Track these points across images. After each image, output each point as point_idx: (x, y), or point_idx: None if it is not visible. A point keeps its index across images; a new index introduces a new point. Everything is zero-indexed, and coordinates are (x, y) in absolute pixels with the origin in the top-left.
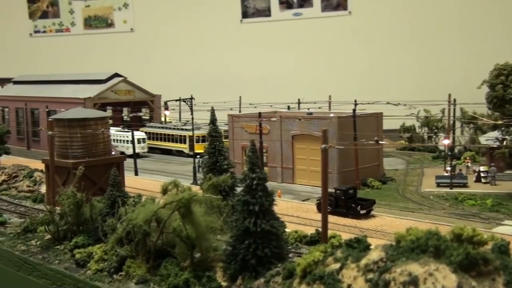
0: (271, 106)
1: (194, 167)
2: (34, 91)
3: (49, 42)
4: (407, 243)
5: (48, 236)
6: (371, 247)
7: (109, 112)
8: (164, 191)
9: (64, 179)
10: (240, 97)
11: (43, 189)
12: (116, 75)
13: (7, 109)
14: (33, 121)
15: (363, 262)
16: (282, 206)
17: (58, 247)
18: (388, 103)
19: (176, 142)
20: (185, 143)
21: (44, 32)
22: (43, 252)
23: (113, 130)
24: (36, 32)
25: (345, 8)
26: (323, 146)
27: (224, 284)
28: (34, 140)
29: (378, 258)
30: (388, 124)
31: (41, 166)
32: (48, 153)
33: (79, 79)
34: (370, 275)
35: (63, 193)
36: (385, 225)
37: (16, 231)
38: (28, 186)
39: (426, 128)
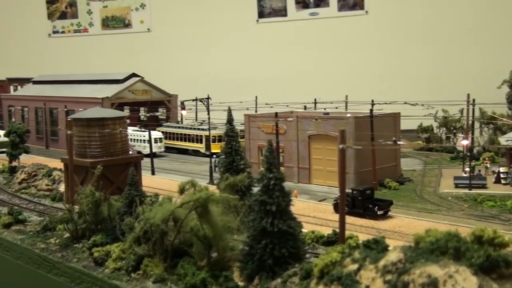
0: (287, 106)
1: (211, 167)
2: (53, 91)
3: (67, 43)
4: (426, 245)
5: (67, 235)
6: (389, 248)
7: (126, 112)
8: (181, 190)
9: (82, 178)
10: (256, 97)
11: (61, 188)
12: (134, 75)
13: (26, 108)
14: (52, 121)
15: (382, 263)
16: (299, 206)
17: (77, 245)
18: (405, 103)
19: (193, 141)
20: (201, 142)
21: (63, 32)
22: (62, 250)
23: (130, 130)
24: (54, 32)
25: (362, 8)
26: (341, 146)
27: (241, 284)
28: (53, 139)
29: (396, 259)
30: (405, 124)
31: (59, 165)
32: (67, 152)
33: (97, 79)
34: (389, 277)
35: (81, 192)
36: (402, 226)
37: (36, 229)
38: (47, 185)
39: (444, 129)
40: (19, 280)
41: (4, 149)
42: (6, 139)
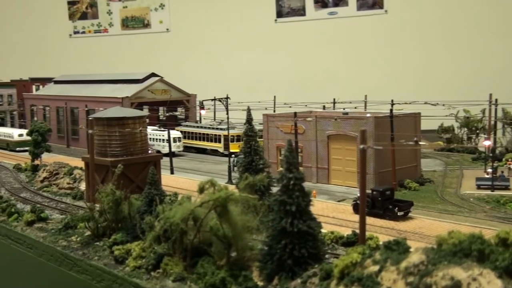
0: (305, 106)
1: (229, 166)
2: (74, 90)
3: (88, 43)
4: (449, 247)
5: (88, 233)
6: (411, 249)
7: (145, 111)
8: (201, 190)
9: (103, 177)
10: (274, 96)
11: (82, 186)
12: (153, 74)
13: (48, 108)
14: (72, 120)
15: (403, 265)
16: (318, 206)
17: (98, 243)
18: (426, 103)
19: (211, 141)
20: (219, 142)
21: (83, 33)
22: (83, 248)
23: (149, 129)
24: (75, 33)
25: (381, 7)
26: (361, 146)
27: (260, 283)
28: (74, 138)
29: (418, 261)
30: (426, 124)
31: (80, 163)
32: (88, 151)
33: (117, 78)
34: (411, 278)
35: (102, 191)
36: (423, 227)
37: (58, 227)
38: (68, 183)
39: (466, 129)
40: (41, 277)
41: (26, 148)
42: (28, 137)
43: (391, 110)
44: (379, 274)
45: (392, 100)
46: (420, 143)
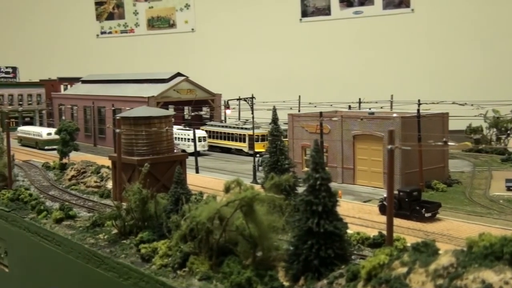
0: (331, 105)
1: (254, 166)
2: (101, 90)
3: (114, 43)
4: (480, 249)
5: (115, 231)
6: (440, 251)
7: (171, 111)
8: (227, 189)
9: (129, 176)
10: (299, 96)
11: (109, 184)
12: (178, 74)
13: (75, 107)
14: (99, 119)
15: (432, 267)
16: (343, 207)
17: (124, 241)
18: (454, 103)
19: (236, 140)
20: (244, 141)
21: (110, 33)
22: (110, 246)
23: (174, 129)
24: (102, 33)
25: (407, 6)
26: (389, 146)
27: (286, 284)
28: (100, 137)
29: (448, 263)
30: (453, 124)
31: (107, 162)
32: (115, 150)
33: (143, 78)
34: (440, 281)
35: (129, 189)
36: (451, 229)
37: (85, 225)
38: (95, 181)
39: (495, 129)
40: (69, 274)
41: (55, 146)
42: (57, 136)
43: (418, 110)
44: (407, 276)
45: (419, 100)
46: (451, 143)
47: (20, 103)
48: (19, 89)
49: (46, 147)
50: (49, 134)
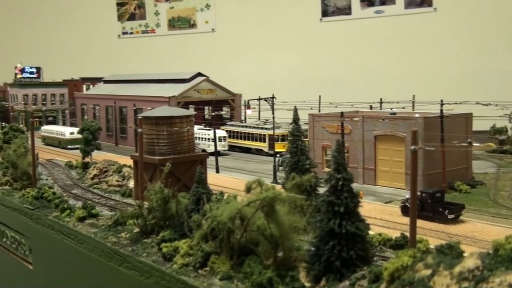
0: (351, 105)
1: (274, 166)
2: (123, 90)
3: (136, 43)
4: (507, 252)
5: (136, 230)
6: (464, 254)
7: (191, 111)
8: (248, 189)
9: (151, 175)
10: (319, 96)
11: (131, 184)
12: (199, 74)
13: (98, 106)
14: (121, 119)
15: (457, 269)
16: (365, 207)
17: (146, 240)
18: (477, 103)
19: (256, 140)
20: (264, 141)
21: (131, 33)
22: (132, 244)
23: (195, 128)
24: (124, 33)
25: (430, 5)
26: (412, 147)
27: (307, 284)
28: (122, 137)
29: (473, 266)
30: (477, 125)
31: (128, 161)
32: (136, 150)
33: (164, 78)
34: (465, 284)
35: (151, 189)
36: (475, 231)
37: (107, 223)
38: (117, 180)
39: None
40: (92, 272)
41: (77, 146)
42: (79, 136)
43: (441, 110)
44: (431, 278)
45: (441, 100)
46: (476, 144)
47: (44, 102)
48: (42, 89)
49: (69, 146)
50: (72, 133)
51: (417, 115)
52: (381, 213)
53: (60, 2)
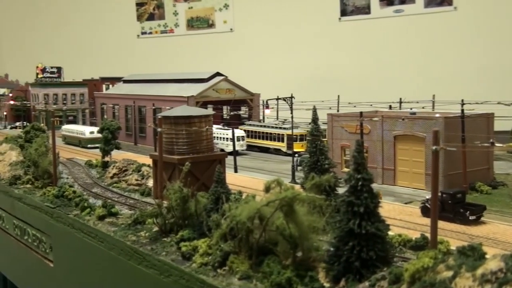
0: (371, 105)
1: (293, 166)
2: (142, 89)
3: (154, 43)
4: None
5: (155, 228)
6: (487, 256)
7: (210, 110)
8: (267, 189)
9: (170, 174)
10: (338, 96)
11: (150, 183)
12: (217, 74)
13: (117, 106)
14: (140, 118)
15: (479, 271)
16: (384, 208)
17: (165, 239)
18: (499, 103)
19: (274, 140)
20: (283, 141)
21: (150, 33)
22: (151, 243)
23: (214, 128)
24: (143, 33)
25: (450, 4)
26: (434, 147)
27: (326, 285)
28: (141, 136)
29: (496, 268)
30: (499, 125)
31: (147, 161)
32: (156, 149)
33: (183, 78)
34: (488, 286)
35: (170, 188)
36: (497, 233)
37: (127, 222)
38: (136, 180)
39: None
40: (112, 270)
41: (97, 145)
42: (99, 135)
43: (462, 110)
44: (452, 280)
45: (462, 100)
46: (498, 144)
47: (64, 102)
48: (63, 88)
49: (88, 146)
50: (91, 132)
51: (437, 115)
52: (401, 213)
53: (81, 2)
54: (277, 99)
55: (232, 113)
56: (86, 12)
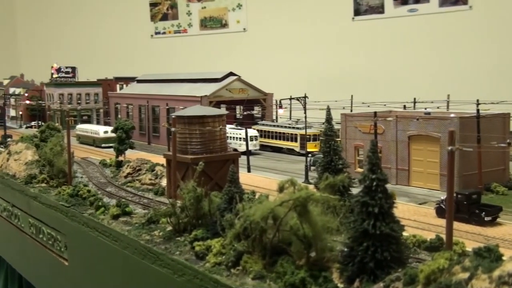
0: (384, 105)
1: (306, 166)
2: (155, 89)
3: (168, 43)
4: None
5: (169, 228)
6: (504, 257)
7: (223, 110)
8: (281, 189)
9: (183, 174)
10: (351, 96)
11: (163, 182)
12: (231, 73)
13: (131, 106)
14: (153, 118)
15: (496, 273)
16: (398, 208)
17: (179, 238)
18: None
19: (287, 140)
20: (296, 141)
21: (164, 33)
22: (165, 242)
23: (227, 128)
24: (156, 33)
25: (465, 3)
26: (449, 148)
27: (340, 285)
28: (154, 136)
29: None
30: None
31: (161, 160)
32: (170, 149)
33: (196, 77)
34: None
35: (184, 187)
36: None
37: (141, 221)
38: (150, 179)
39: None
40: (126, 269)
41: (111, 144)
42: (113, 134)
43: (478, 110)
44: (469, 282)
45: (477, 100)
46: None
47: (79, 102)
48: (77, 88)
49: (103, 145)
50: (106, 132)
51: (452, 115)
52: (415, 214)
53: (95, 3)
54: (290, 98)
55: (245, 113)
56: (100, 13)
